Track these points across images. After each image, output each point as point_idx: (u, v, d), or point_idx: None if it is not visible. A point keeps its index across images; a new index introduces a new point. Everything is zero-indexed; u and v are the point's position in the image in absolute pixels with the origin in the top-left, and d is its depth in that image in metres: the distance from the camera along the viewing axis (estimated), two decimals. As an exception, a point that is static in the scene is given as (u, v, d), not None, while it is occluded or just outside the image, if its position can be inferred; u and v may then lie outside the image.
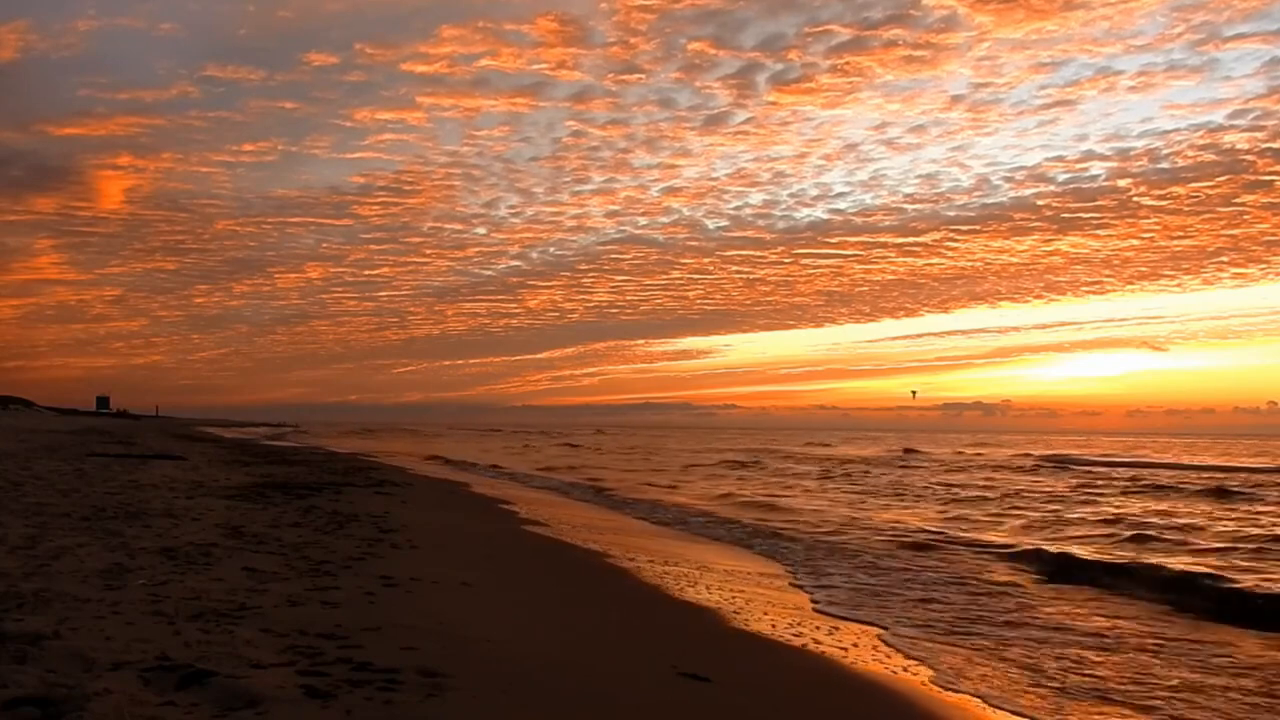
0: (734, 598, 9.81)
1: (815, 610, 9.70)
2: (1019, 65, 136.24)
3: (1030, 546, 14.98)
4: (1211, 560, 13.68)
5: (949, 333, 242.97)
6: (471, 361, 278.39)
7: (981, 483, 31.72)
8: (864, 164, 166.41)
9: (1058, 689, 7.03)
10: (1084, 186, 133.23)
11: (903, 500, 25.15)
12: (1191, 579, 11.73)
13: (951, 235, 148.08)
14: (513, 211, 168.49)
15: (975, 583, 11.94)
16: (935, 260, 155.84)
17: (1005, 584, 11.93)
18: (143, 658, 4.97)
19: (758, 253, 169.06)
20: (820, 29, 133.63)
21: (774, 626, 8.49)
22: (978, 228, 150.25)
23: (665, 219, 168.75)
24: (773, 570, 12.57)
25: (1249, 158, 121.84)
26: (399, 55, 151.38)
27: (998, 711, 6.41)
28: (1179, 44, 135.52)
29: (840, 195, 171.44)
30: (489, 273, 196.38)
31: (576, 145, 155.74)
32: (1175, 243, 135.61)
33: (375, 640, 5.75)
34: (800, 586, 11.25)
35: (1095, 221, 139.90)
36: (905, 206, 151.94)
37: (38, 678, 4.45)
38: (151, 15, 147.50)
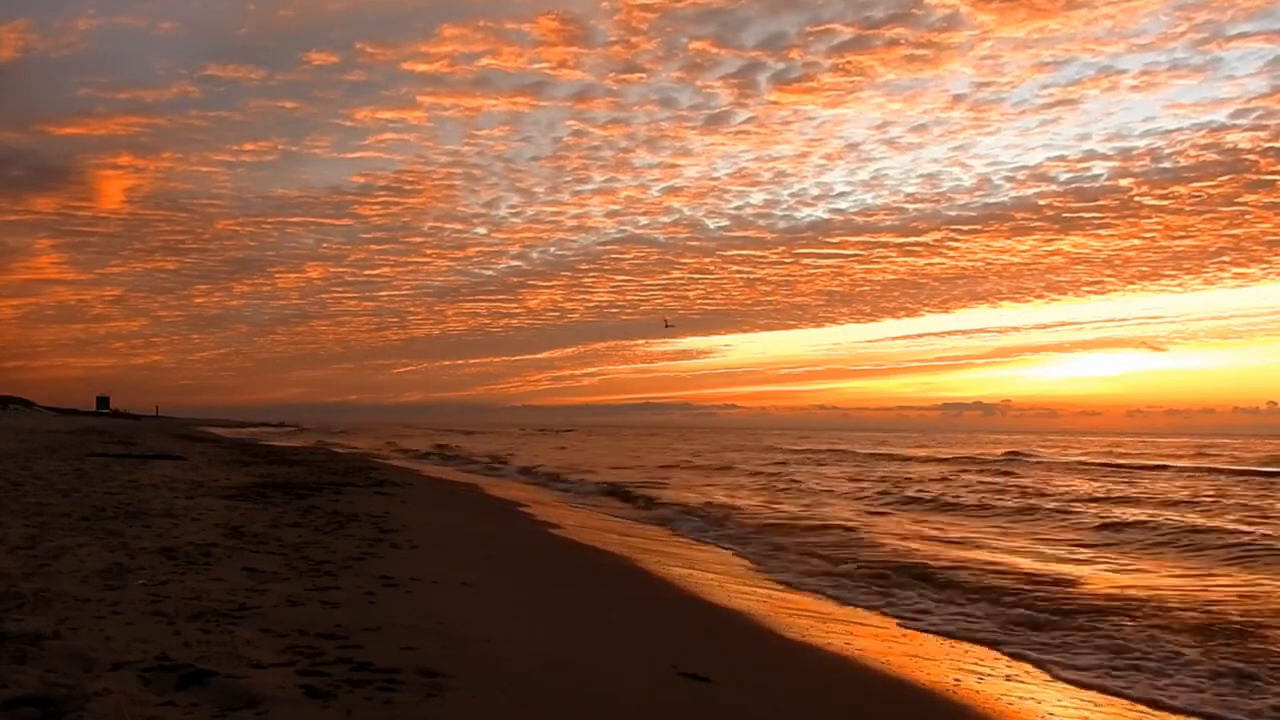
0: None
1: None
2: (1021, 64, 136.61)
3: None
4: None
5: (949, 333, 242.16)
6: (471, 361, 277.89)
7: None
8: (865, 163, 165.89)
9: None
10: (1086, 186, 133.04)
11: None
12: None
13: (953, 235, 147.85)
14: (513, 211, 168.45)
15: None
16: (936, 260, 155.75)
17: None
18: (143, 658, 4.96)
19: (758, 252, 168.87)
20: (822, 28, 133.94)
21: (761, 603, 8.49)
22: (979, 227, 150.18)
23: (666, 219, 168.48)
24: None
25: (1251, 157, 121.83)
26: (399, 55, 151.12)
27: (1013, 711, 6.41)
28: (1181, 43, 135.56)
29: (841, 195, 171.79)
30: (489, 273, 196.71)
31: (577, 145, 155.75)
32: (1176, 242, 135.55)
33: (375, 640, 5.75)
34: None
35: (1097, 221, 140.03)
36: (906, 206, 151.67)
37: (38, 678, 4.44)
38: (151, 15, 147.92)
